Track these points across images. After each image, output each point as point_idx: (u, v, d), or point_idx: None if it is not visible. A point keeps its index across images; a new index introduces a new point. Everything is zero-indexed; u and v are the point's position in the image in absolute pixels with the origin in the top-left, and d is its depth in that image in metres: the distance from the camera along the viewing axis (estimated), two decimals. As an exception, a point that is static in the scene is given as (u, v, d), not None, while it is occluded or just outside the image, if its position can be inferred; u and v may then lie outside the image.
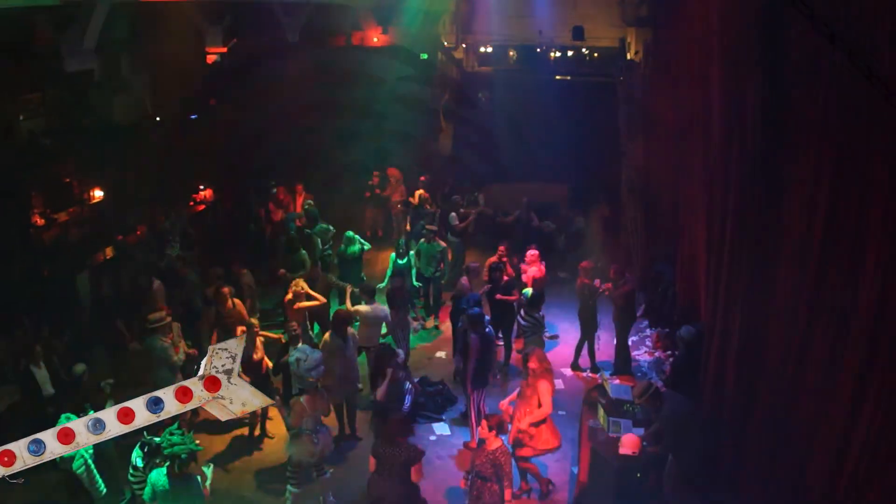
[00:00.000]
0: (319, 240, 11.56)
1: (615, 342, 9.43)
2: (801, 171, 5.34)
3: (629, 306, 9.24)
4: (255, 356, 7.81)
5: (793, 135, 5.50)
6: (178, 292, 9.53)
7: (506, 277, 9.63)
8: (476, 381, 7.75)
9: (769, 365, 5.88)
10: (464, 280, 9.57)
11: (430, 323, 11.02)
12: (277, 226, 12.73)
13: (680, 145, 9.40)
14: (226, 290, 8.78)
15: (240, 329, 8.05)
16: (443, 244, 11.04)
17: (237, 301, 8.90)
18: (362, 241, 11.11)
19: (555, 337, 8.78)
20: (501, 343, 9.68)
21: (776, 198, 5.70)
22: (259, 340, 7.98)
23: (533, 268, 9.82)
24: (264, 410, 8.19)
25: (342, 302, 9.19)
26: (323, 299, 9.25)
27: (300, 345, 7.59)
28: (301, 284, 9.18)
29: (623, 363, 9.29)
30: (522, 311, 8.57)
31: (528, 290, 8.64)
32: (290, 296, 9.09)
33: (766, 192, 5.87)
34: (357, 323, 8.69)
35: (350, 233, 11.09)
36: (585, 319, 9.52)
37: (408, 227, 13.39)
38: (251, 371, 7.78)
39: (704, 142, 7.59)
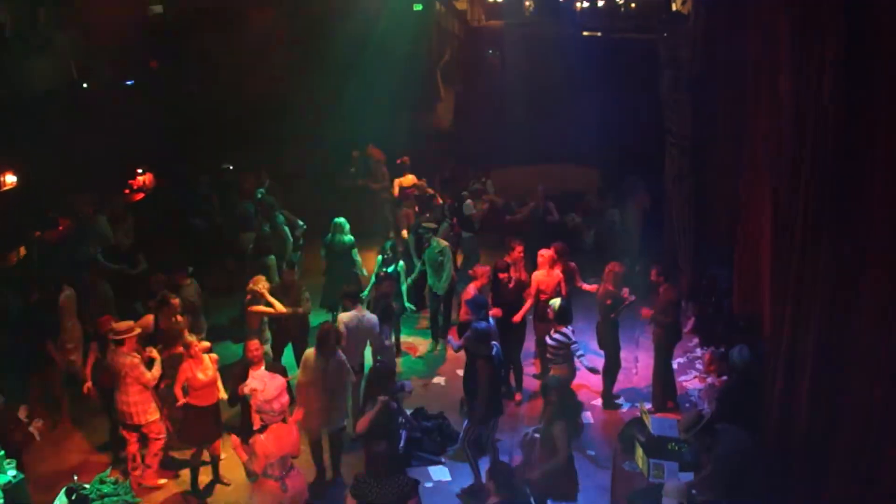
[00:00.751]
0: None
1: (653, 364, 9.42)
2: (892, 144, 5.30)
3: (672, 319, 9.21)
4: (200, 381, 7.78)
5: (881, 98, 5.46)
6: (92, 304, 9.58)
7: (512, 283, 9.63)
8: (478, 412, 7.68)
9: (851, 393, 5.85)
10: (469, 290, 9.57)
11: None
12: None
13: (739, 118, 9.37)
14: (174, 301, 8.82)
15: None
16: (443, 243, 10.98)
17: (180, 318, 8.92)
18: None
19: (595, 371, 8.68)
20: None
21: (860, 178, 5.66)
22: (209, 361, 7.95)
23: (541, 272, 9.79)
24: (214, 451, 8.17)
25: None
26: (282, 308, 9.29)
27: (259, 369, 7.55)
28: (261, 283, 9.23)
29: (663, 391, 9.29)
30: (551, 330, 8.56)
31: (557, 301, 8.62)
32: (248, 296, 9.22)
33: (849, 171, 5.83)
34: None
35: (341, 219, 11.15)
36: (603, 337, 9.51)
37: (398, 223, 13.43)
38: (198, 397, 7.75)
39: (770, 112, 7.57)
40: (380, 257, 10.59)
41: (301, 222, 12.45)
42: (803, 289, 6.54)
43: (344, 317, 8.65)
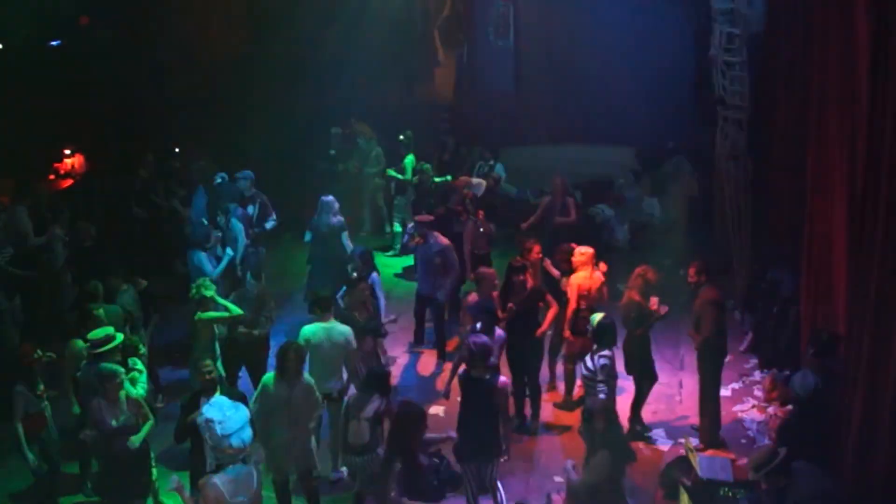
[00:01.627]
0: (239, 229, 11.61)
1: (699, 390, 9.35)
2: None
3: (716, 330, 9.07)
4: (109, 427, 7.59)
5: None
6: None
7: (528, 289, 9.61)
8: (464, 448, 7.66)
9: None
10: (471, 297, 9.53)
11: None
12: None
13: (806, 82, 9.33)
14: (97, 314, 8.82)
15: None
16: (443, 242, 10.95)
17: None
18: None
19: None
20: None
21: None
22: (120, 395, 7.72)
23: (581, 273, 9.78)
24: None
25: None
26: (238, 310, 9.33)
27: (215, 395, 7.53)
28: (205, 286, 9.27)
29: (710, 424, 9.23)
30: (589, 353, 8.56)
31: (598, 316, 8.59)
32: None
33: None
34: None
35: (330, 197, 11.41)
36: (631, 358, 9.44)
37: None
38: (109, 445, 7.61)
39: (844, 75, 7.53)
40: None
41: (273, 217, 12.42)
42: (886, 293, 6.49)
43: (306, 330, 8.61)
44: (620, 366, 9.06)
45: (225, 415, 6.75)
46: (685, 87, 14.33)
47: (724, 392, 9.74)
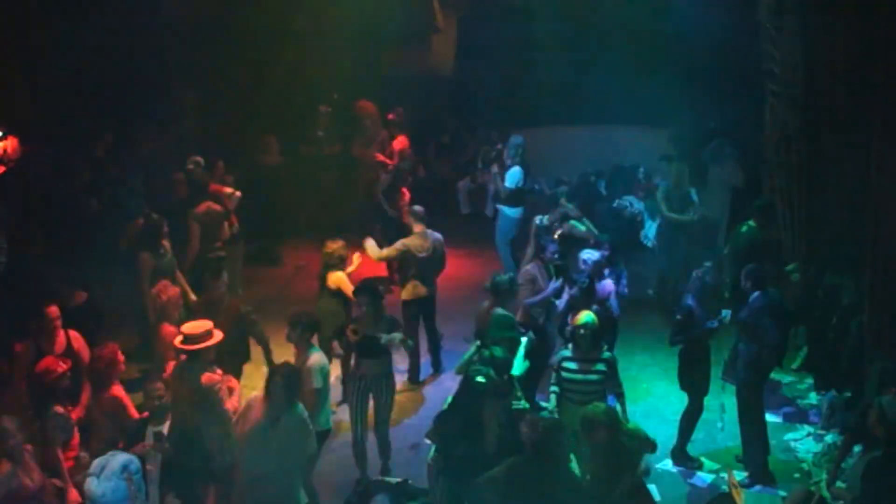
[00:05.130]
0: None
1: (738, 412, 9.32)
2: None
3: (765, 344, 9.08)
4: (25, 482, 7.07)
5: None
6: None
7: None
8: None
9: None
10: (488, 304, 9.51)
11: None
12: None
13: (872, 53, 9.24)
14: (52, 310, 8.75)
15: None
16: (433, 237, 11.02)
17: (73, 334, 8.90)
18: None
19: None
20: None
21: None
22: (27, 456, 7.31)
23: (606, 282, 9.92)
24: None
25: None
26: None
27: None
28: (169, 290, 9.32)
29: (755, 454, 9.23)
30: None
31: (584, 316, 8.49)
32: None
33: None
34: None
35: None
36: (692, 380, 9.46)
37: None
38: None
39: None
40: None
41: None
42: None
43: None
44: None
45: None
46: (727, 58, 14.25)
47: (775, 418, 9.80)
